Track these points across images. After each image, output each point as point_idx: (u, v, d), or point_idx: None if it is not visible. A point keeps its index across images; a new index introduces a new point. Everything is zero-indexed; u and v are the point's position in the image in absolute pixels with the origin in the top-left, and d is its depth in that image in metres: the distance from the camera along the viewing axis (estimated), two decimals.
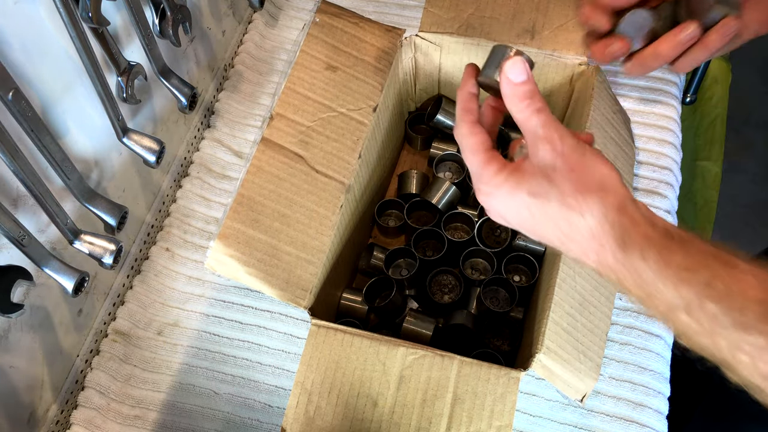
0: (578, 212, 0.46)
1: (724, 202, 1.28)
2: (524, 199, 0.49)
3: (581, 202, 0.46)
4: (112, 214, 0.68)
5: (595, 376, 0.61)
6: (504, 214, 0.52)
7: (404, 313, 0.76)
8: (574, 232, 0.47)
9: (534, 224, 0.50)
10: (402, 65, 0.81)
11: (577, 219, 0.47)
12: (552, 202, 0.47)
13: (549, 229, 0.49)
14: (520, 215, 0.50)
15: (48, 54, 0.60)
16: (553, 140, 0.48)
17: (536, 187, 0.48)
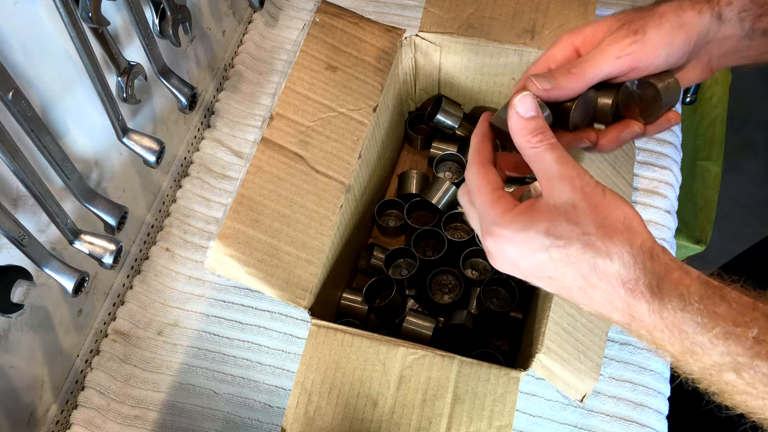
0: (605, 255, 0.42)
1: (724, 202, 1.28)
2: (541, 240, 0.44)
3: (608, 244, 0.42)
4: (112, 214, 0.68)
5: (595, 376, 0.61)
6: (516, 260, 0.46)
7: (404, 313, 0.76)
8: (599, 277, 0.42)
9: (553, 269, 0.44)
10: (402, 65, 0.81)
11: (604, 263, 0.42)
12: (574, 243, 0.42)
13: (569, 275, 0.43)
14: (535, 259, 0.44)
15: (48, 54, 0.60)
16: (571, 177, 0.44)
17: (555, 227, 0.43)
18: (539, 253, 0.44)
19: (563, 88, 0.51)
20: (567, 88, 0.51)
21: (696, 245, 1.22)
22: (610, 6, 0.99)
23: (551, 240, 0.43)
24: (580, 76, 0.51)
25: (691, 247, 1.22)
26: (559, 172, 0.44)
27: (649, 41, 0.51)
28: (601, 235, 0.42)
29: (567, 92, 0.52)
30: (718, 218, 1.24)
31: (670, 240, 0.83)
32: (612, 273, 0.42)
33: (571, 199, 0.43)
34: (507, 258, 0.46)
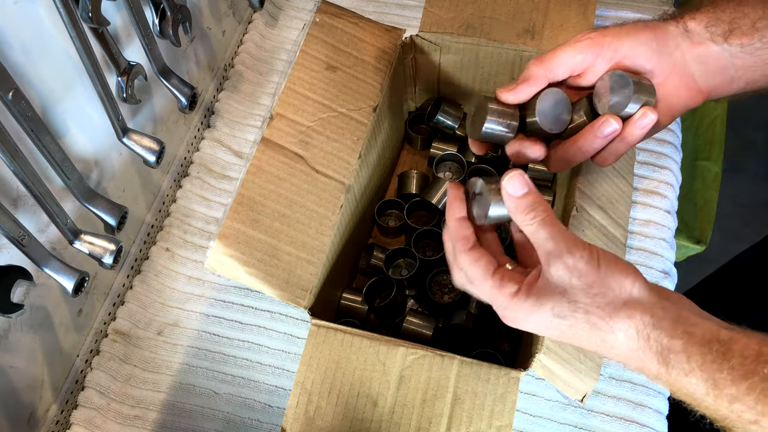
0: (610, 332, 0.45)
1: (724, 202, 1.28)
2: (550, 320, 0.47)
3: (611, 323, 0.45)
4: (112, 214, 0.68)
5: (595, 376, 0.61)
6: (535, 331, 0.50)
7: (404, 313, 0.76)
8: (608, 348, 0.46)
9: (569, 338, 0.48)
10: (402, 65, 0.81)
11: (611, 338, 0.45)
12: (579, 323, 0.46)
13: (584, 342, 0.47)
14: (552, 332, 0.48)
15: (48, 54, 0.60)
16: (563, 255, 0.46)
17: (559, 309, 0.46)
18: (552, 330, 0.48)
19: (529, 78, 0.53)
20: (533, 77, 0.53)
21: (696, 245, 1.22)
22: (610, 6, 0.99)
23: (558, 321, 0.47)
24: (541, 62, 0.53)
25: (691, 247, 1.22)
26: (553, 250, 0.46)
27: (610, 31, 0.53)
28: (602, 315, 0.45)
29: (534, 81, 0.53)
30: (718, 218, 1.24)
31: (670, 240, 0.83)
32: (621, 345, 0.45)
33: (567, 279, 0.46)
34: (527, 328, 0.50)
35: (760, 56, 0.53)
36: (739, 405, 0.41)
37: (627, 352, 0.45)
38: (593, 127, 0.54)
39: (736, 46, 0.53)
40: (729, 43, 0.53)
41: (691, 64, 0.55)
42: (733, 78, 0.55)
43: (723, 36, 0.53)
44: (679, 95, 0.55)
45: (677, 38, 0.54)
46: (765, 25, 0.53)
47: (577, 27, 0.77)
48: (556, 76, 0.54)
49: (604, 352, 0.47)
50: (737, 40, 0.53)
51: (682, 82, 0.55)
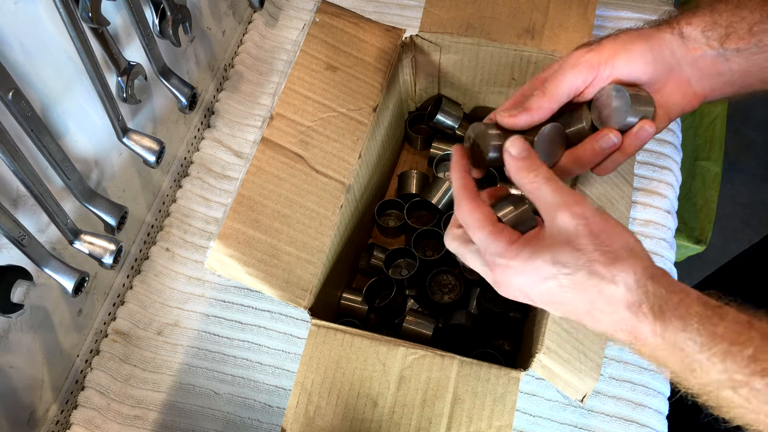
0: (610, 280, 0.44)
1: (724, 202, 1.28)
2: (548, 269, 0.45)
3: (613, 270, 0.44)
4: (112, 214, 0.68)
5: (595, 376, 0.61)
6: (525, 288, 0.48)
7: (404, 313, 0.76)
8: (605, 302, 0.44)
9: (561, 295, 0.46)
10: (402, 65, 0.81)
11: (610, 288, 0.44)
12: (580, 270, 0.44)
13: (577, 300, 0.45)
14: (544, 286, 0.46)
15: (48, 54, 0.60)
16: (570, 205, 0.45)
17: (560, 255, 0.45)
18: (548, 281, 0.46)
19: (531, 109, 0.53)
20: (534, 109, 0.53)
21: (696, 245, 1.22)
22: (609, 6, 0.99)
23: (558, 268, 0.45)
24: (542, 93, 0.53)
25: (691, 247, 1.22)
26: (559, 202, 0.46)
27: (605, 49, 0.53)
28: (605, 262, 0.44)
29: (536, 113, 0.53)
30: (718, 218, 1.24)
31: (670, 240, 0.83)
32: (617, 298, 0.44)
33: (574, 226, 0.45)
34: (516, 287, 0.48)
35: (756, 61, 0.53)
36: (731, 363, 0.41)
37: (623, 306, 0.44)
38: (592, 140, 0.54)
39: (732, 51, 0.53)
40: (725, 47, 0.53)
41: (687, 69, 0.55)
42: (729, 82, 0.55)
43: (719, 41, 0.53)
44: (675, 100, 0.56)
45: (672, 45, 0.54)
46: (762, 30, 0.52)
47: (577, 27, 0.77)
48: (560, 103, 0.54)
49: (597, 312, 0.45)
50: (733, 44, 0.53)
51: (678, 87, 0.55)
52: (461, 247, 0.52)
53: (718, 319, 0.42)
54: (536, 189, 0.47)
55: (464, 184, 0.52)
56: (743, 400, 0.41)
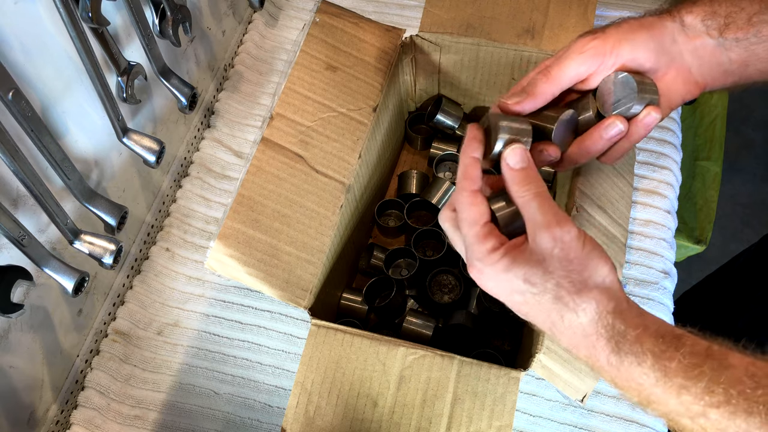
0: (572, 309, 0.45)
1: (724, 202, 1.28)
2: (518, 284, 0.47)
3: (576, 300, 0.45)
4: (112, 214, 0.68)
5: (595, 376, 0.61)
6: (495, 291, 0.50)
7: (404, 313, 0.76)
8: (565, 327, 0.46)
9: (526, 310, 0.48)
10: (402, 65, 0.81)
11: (571, 316, 0.46)
12: (547, 294, 0.46)
13: (540, 317, 0.48)
14: (511, 298, 0.48)
15: (48, 54, 0.60)
16: (551, 226, 0.46)
17: (531, 274, 0.46)
18: (515, 295, 0.48)
19: (534, 94, 0.53)
20: (538, 93, 0.53)
21: (696, 245, 1.22)
22: (609, 6, 0.99)
23: (527, 286, 0.46)
24: (547, 78, 0.54)
25: (691, 247, 1.22)
26: (542, 222, 0.47)
27: (610, 37, 0.53)
28: (571, 290, 0.45)
29: (540, 97, 0.54)
30: (718, 218, 1.24)
31: (670, 240, 0.83)
32: (577, 326, 0.46)
33: (550, 249, 0.46)
34: (487, 288, 0.50)
35: (755, 51, 0.54)
36: (687, 396, 0.42)
37: (581, 335, 0.46)
38: (599, 129, 0.55)
39: (731, 41, 0.54)
40: (724, 37, 0.54)
41: (688, 58, 0.55)
42: (728, 71, 0.56)
43: (718, 30, 0.54)
44: (677, 88, 0.56)
45: (674, 33, 0.55)
46: (761, 20, 0.53)
47: (577, 27, 0.77)
48: (562, 88, 0.55)
49: (557, 332, 0.47)
50: (732, 34, 0.54)
51: (680, 75, 0.56)
52: (451, 229, 0.53)
53: (672, 353, 0.43)
54: (525, 203, 0.48)
55: (468, 174, 0.51)
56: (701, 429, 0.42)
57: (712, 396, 0.41)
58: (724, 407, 0.40)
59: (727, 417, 0.40)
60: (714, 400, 0.41)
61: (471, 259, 0.49)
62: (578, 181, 0.66)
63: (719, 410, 0.40)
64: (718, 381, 0.41)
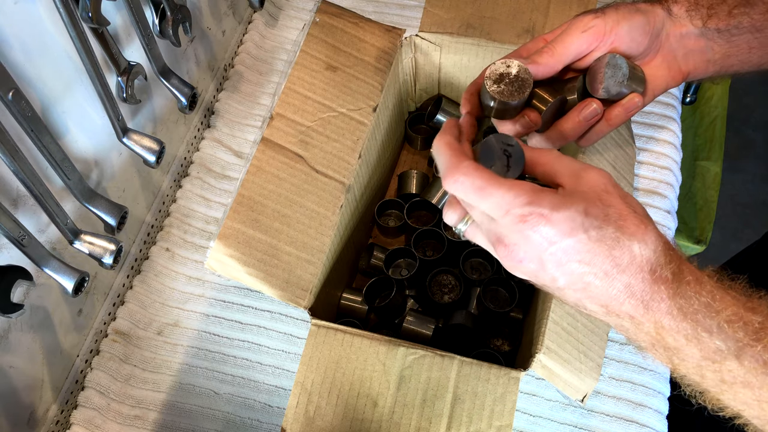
0: (641, 239, 0.42)
1: (724, 202, 1.28)
2: (580, 219, 0.42)
3: (644, 230, 0.43)
4: (112, 214, 0.68)
5: (595, 376, 0.61)
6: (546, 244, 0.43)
7: (404, 313, 0.76)
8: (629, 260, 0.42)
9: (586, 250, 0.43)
10: (402, 65, 0.81)
11: (639, 246, 0.42)
12: (611, 224, 0.42)
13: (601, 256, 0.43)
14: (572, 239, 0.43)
15: (48, 54, 0.60)
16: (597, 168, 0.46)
17: (592, 208, 0.43)
18: (578, 233, 0.42)
19: (538, 62, 0.54)
20: (542, 63, 0.55)
21: (696, 245, 1.22)
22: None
23: (590, 220, 0.42)
24: (551, 52, 0.55)
25: (691, 247, 1.22)
26: (583, 165, 0.46)
27: (610, 17, 0.55)
28: (636, 221, 0.43)
29: (542, 68, 0.55)
30: (718, 218, 1.24)
31: (670, 240, 0.83)
32: (644, 257, 0.43)
33: (603, 184, 0.44)
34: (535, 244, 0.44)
35: (735, 42, 0.56)
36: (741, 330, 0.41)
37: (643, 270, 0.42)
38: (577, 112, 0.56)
39: (713, 31, 0.56)
40: (707, 27, 0.56)
41: (675, 45, 0.58)
42: (711, 60, 0.58)
43: (701, 20, 0.56)
44: (662, 75, 0.58)
45: (663, 20, 0.57)
46: (741, 12, 0.56)
47: None
48: (564, 64, 0.56)
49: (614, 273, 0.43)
50: (714, 24, 0.56)
51: (665, 62, 0.58)
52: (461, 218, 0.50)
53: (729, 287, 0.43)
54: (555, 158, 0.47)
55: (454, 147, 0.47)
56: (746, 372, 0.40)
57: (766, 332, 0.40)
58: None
59: None
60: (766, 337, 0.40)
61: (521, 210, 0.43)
62: None
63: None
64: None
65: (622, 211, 0.43)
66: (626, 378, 0.74)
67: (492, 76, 0.54)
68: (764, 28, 0.55)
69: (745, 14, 0.55)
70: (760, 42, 0.56)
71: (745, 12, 0.55)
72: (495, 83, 0.53)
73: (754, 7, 0.56)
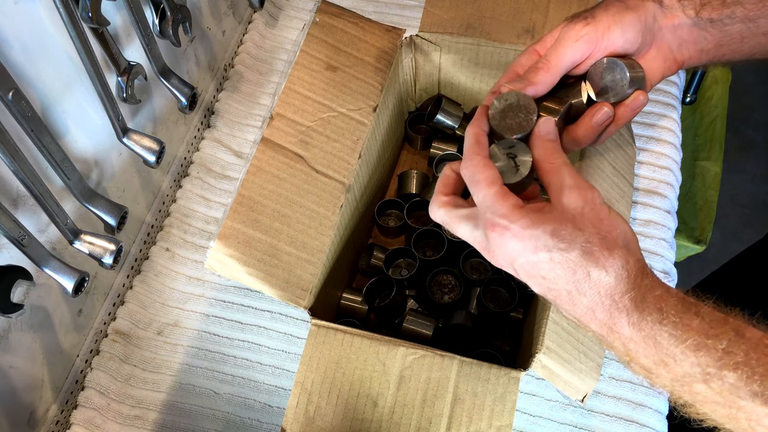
0: (602, 266, 0.44)
1: (724, 202, 1.28)
2: (546, 239, 0.45)
3: (607, 257, 0.44)
4: (112, 214, 0.68)
5: (596, 376, 0.61)
6: (515, 255, 0.47)
7: (404, 313, 0.76)
8: (590, 285, 0.45)
9: (549, 270, 0.46)
10: (402, 65, 0.81)
11: (598, 273, 0.44)
12: (576, 249, 0.44)
13: (563, 278, 0.45)
14: (536, 257, 0.46)
15: (48, 54, 0.60)
16: (583, 188, 0.47)
17: (561, 230, 0.45)
18: (541, 252, 0.45)
19: (536, 83, 0.55)
20: (539, 82, 0.55)
21: (696, 245, 1.22)
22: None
23: (555, 242, 0.45)
24: (547, 68, 0.55)
25: (691, 247, 1.22)
26: (573, 183, 0.47)
27: (600, 22, 0.55)
28: (602, 247, 0.45)
29: (541, 86, 0.55)
30: (718, 218, 1.24)
31: (670, 240, 0.83)
32: (604, 284, 0.45)
33: (580, 207, 0.46)
34: (506, 253, 0.47)
35: (728, 32, 0.57)
36: (705, 356, 0.41)
37: (605, 294, 0.44)
38: (589, 115, 0.56)
39: (706, 21, 0.56)
40: (700, 16, 0.56)
41: (668, 36, 0.58)
42: (703, 50, 0.58)
43: (694, 10, 0.56)
44: (657, 66, 0.58)
45: (654, 12, 0.57)
46: (734, 2, 0.56)
47: None
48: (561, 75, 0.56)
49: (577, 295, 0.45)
50: (707, 14, 0.56)
51: (660, 52, 0.58)
52: (450, 212, 0.52)
53: (693, 314, 0.43)
54: (555, 169, 0.49)
55: (479, 140, 0.52)
56: (714, 394, 0.42)
57: (730, 357, 0.41)
58: (741, 369, 0.40)
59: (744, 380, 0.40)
60: (732, 362, 0.41)
61: (493, 218, 0.47)
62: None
63: (736, 373, 0.40)
64: (738, 343, 0.41)
65: (591, 236, 0.45)
66: (626, 378, 0.74)
67: (495, 116, 0.53)
68: (757, 17, 0.56)
69: (739, 4, 0.56)
70: (753, 32, 0.56)
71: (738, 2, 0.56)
72: (501, 120, 0.53)
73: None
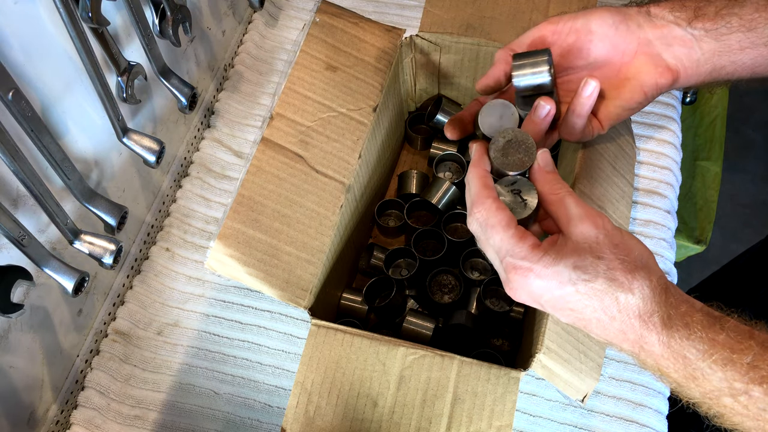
0: (627, 289, 0.45)
1: (724, 202, 1.28)
2: (568, 274, 0.46)
3: (631, 279, 0.45)
4: (112, 214, 0.68)
5: (596, 376, 0.61)
6: (540, 292, 0.48)
7: (404, 313, 0.76)
8: (618, 309, 0.46)
9: (576, 301, 0.47)
10: (402, 65, 0.81)
11: (626, 296, 0.45)
12: (600, 277, 0.45)
13: (590, 307, 0.46)
14: (562, 291, 0.47)
15: (48, 54, 0.60)
16: (593, 216, 0.48)
17: (581, 261, 0.46)
18: (566, 286, 0.46)
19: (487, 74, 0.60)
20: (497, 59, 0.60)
21: (696, 245, 1.22)
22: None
23: (578, 274, 0.46)
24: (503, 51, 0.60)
25: (691, 247, 1.22)
26: (581, 213, 0.48)
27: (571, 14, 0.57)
28: (624, 271, 0.45)
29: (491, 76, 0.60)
30: (718, 218, 1.24)
31: (670, 240, 0.83)
32: (631, 306, 0.45)
33: (594, 236, 0.47)
34: (530, 291, 0.48)
35: (725, 41, 0.56)
36: (731, 371, 0.42)
37: (633, 317, 0.45)
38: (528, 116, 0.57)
39: (700, 30, 0.56)
40: (693, 26, 0.56)
41: (656, 43, 0.57)
42: (700, 60, 0.57)
43: (687, 20, 0.56)
44: (648, 71, 0.58)
45: (639, 19, 0.57)
46: (729, 12, 0.56)
47: None
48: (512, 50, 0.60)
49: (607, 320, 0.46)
50: (701, 24, 0.56)
51: (649, 58, 0.58)
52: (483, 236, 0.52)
53: (719, 328, 0.44)
54: (560, 200, 0.50)
55: (486, 183, 0.52)
56: (742, 408, 0.42)
57: (756, 371, 0.41)
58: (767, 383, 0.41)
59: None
60: (758, 376, 0.41)
61: (513, 261, 0.48)
62: (578, 181, 0.66)
63: (762, 387, 0.41)
64: (763, 357, 0.42)
65: (611, 262, 0.46)
66: (626, 378, 0.74)
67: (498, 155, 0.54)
68: (755, 27, 0.55)
69: (734, 14, 0.55)
70: (753, 42, 0.56)
71: (734, 12, 0.55)
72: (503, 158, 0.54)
73: (743, 7, 0.55)
